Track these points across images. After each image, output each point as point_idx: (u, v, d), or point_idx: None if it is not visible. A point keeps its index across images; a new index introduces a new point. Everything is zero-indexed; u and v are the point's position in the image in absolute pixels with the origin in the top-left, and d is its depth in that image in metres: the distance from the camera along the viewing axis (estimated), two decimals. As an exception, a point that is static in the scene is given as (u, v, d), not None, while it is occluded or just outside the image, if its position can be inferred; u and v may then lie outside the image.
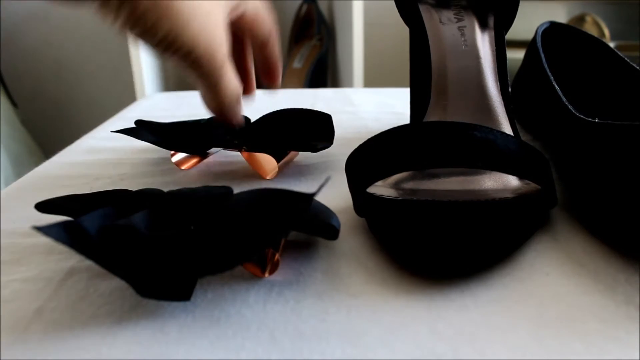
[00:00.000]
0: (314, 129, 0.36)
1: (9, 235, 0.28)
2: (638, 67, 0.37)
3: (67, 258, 0.25)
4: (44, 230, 0.19)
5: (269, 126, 0.38)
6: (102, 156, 0.41)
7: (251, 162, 0.35)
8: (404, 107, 0.38)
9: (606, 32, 1.59)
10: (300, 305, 0.21)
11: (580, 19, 1.61)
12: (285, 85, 1.20)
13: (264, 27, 0.32)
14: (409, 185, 0.28)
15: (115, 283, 0.23)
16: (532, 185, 0.27)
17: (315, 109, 0.38)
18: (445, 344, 0.19)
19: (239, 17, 0.30)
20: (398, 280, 0.23)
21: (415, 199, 0.26)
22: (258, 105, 0.59)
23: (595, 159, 0.26)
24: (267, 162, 0.35)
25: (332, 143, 0.36)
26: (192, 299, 0.22)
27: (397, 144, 0.25)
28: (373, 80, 1.23)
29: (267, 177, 0.35)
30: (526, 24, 0.66)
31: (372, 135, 0.27)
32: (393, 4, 0.38)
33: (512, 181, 0.28)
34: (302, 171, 0.37)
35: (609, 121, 0.25)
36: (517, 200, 0.26)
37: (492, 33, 0.37)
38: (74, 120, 1.41)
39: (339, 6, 1.21)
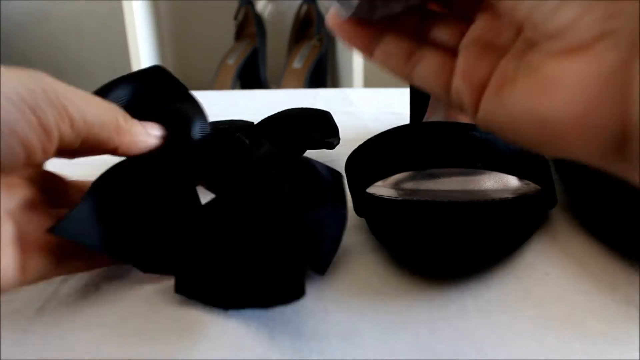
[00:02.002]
0: (318, 127, 0.36)
1: (9, 235, 0.28)
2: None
3: (67, 258, 0.25)
4: (58, 231, 0.19)
5: (273, 128, 0.37)
6: (102, 156, 0.41)
7: None
8: (404, 107, 0.38)
9: (606, 32, 1.59)
10: (300, 305, 0.21)
11: (580, 19, 1.61)
12: (285, 85, 1.20)
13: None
14: (409, 185, 0.28)
15: (115, 283, 0.23)
16: (532, 186, 0.27)
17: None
18: (445, 344, 0.19)
19: None
20: (398, 280, 0.23)
21: (415, 199, 0.26)
22: (257, 105, 0.59)
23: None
24: None
25: (339, 138, 0.36)
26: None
27: (397, 144, 0.25)
28: (373, 80, 1.23)
29: None
30: (526, 24, 0.65)
31: (372, 135, 0.27)
32: (393, 4, 0.38)
33: (512, 181, 0.28)
34: (302, 171, 0.37)
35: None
36: (517, 200, 0.26)
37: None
38: (73, 120, 1.40)
39: (339, 6, 1.20)
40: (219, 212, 0.23)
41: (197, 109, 0.26)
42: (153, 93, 0.26)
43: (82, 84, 0.20)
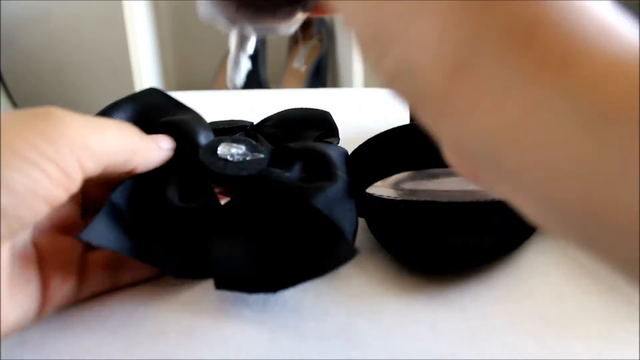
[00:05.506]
0: (318, 127, 0.36)
1: (9, 236, 0.28)
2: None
3: (67, 258, 0.25)
4: (84, 237, 0.19)
5: (273, 128, 0.37)
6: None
7: None
8: (404, 107, 0.38)
9: (606, 32, 1.59)
10: (300, 306, 0.21)
11: (580, 19, 1.61)
12: (285, 85, 1.20)
13: None
14: (409, 185, 0.28)
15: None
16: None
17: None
18: (445, 344, 0.19)
19: None
20: (398, 280, 0.23)
21: (415, 199, 0.25)
22: (257, 105, 0.59)
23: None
24: None
25: (339, 138, 0.36)
26: (192, 299, 0.22)
27: (397, 144, 0.25)
28: (373, 80, 1.23)
29: None
30: (526, 24, 0.65)
31: (372, 135, 0.27)
32: (393, 4, 0.38)
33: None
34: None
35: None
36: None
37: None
38: (74, 120, 1.40)
39: (339, 6, 1.20)
40: (244, 204, 0.23)
41: (198, 119, 0.27)
42: (151, 111, 0.27)
43: (81, 84, 0.20)
